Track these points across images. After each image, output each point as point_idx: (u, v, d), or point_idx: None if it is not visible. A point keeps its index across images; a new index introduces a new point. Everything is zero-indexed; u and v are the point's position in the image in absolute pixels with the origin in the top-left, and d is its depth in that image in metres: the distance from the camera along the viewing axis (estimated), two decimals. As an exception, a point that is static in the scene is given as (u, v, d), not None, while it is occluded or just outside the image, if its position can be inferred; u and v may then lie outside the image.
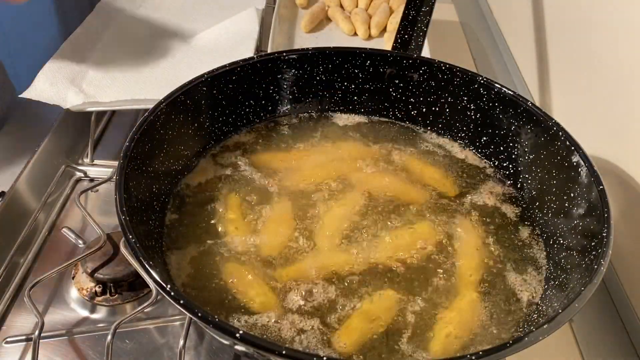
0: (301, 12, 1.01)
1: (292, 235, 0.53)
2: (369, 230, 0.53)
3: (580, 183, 0.51)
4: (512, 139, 0.59)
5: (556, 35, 0.84)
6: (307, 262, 0.50)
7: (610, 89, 0.67)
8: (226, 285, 0.49)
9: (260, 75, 0.63)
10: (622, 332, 0.60)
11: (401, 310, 0.47)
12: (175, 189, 0.57)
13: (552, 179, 0.55)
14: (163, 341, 0.55)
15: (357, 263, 0.50)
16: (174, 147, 0.56)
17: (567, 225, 0.51)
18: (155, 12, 0.94)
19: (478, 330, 0.46)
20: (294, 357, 0.35)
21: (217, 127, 0.62)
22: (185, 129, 0.58)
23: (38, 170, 0.69)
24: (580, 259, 0.47)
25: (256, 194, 0.57)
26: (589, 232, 0.48)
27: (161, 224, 0.53)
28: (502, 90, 0.59)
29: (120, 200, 0.45)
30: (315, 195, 0.57)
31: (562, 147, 0.54)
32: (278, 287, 0.48)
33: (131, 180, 0.48)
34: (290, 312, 0.47)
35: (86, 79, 0.75)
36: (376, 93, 0.66)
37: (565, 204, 0.53)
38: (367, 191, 0.57)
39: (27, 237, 0.63)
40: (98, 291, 0.57)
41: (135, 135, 0.50)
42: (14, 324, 0.56)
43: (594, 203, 0.48)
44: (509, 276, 0.51)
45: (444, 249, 0.52)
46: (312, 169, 0.60)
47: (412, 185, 0.59)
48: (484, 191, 0.59)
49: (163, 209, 0.54)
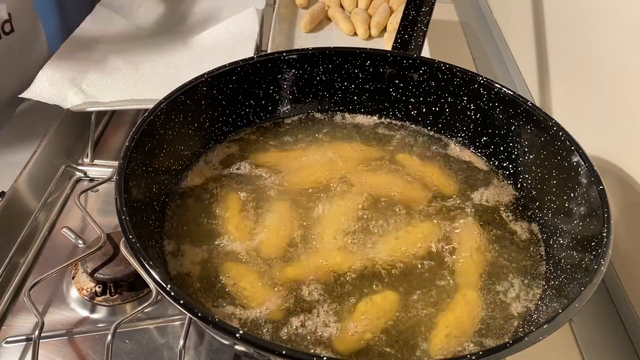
0: (301, 12, 1.01)
1: (292, 235, 0.53)
2: (369, 230, 0.53)
3: (580, 183, 0.51)
4: (512, 139, 0.59)
5: (556, 35, 0.84)
6: (306, 262, 0.50)
7: (610, 89, 0.67)
8: (226, 284, 0.49)
9: (260, 75, 0.63)
10: (622, 332, 0.60)
11: (401, 310, 0.47)
12: (175, 188, 0.57)
13: (552, 179, 0.55)
14: (163, 341, 0.55)
15: (357, 263, 0.50)
16: (174, 147, 0.56)
17: (567, 225, 0.51)
18: (156, 12, 0.94)
19: (478, 330, 0.46)
20: (294, 357, 0.35)
21: (217, 127, 0.62)
22: (185, 129, 0.58)
23: (38, 170, 0.69)
24: (580, 259, 0.47)
25: (256, 194, 0.57)
26: (589, 232, 0.48)
27: (161, 224, 0.53)
28: (502, 90, 0.59)
29: (120, 200, 0.45)
30: (315, 196, 0.57)
31: (562, 147, 0.54)
32: (278, 287, 0.48)
33: (131, 180, 0.48)
34: (289, 312, 0.47)
35: (86, 79, 0.75)
36: (376, 93, 0.66)
37: (565, 204, 0.53)
38: (367, 191, 0.57)
39: (27, 237, 0.63)
40: (98, 291, 0.57)
41: (135, 136, 0.50)
42: (14, 324, 0.56)
43: (594, 203, 0.48)
44: (509, 276, 0.51)
45: (444, 249, 0.52)
46: (312, 169, 0.60)
47: (412, 185, 0.59)
48: (484, 191, 0.59)
49: (163, 209, 0.54)
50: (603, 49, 0.70)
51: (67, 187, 0.71)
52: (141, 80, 0.77)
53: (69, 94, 0.72)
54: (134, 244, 0.41)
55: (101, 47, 0.83)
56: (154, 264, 0.40)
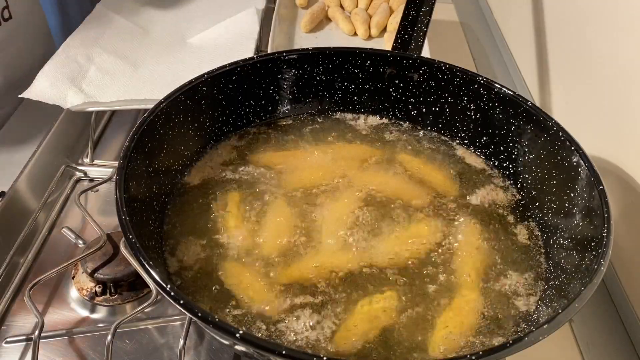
0: (301, 12, 1.01)
1: (292, 235, 0.53)
2: (369, 230, 0.53)
3: (580, 183, 0.51)
4: (512, 139, 0.59)
5: (556, 35, 0.84)
6: (306, 261, 0.50)
7: (610, 89, 0.67)
8: (226, 284, 0.49)
9: (260, 75, 0.63)
10: (622, 332, 0.60)
11: (400, 310, 0.47)
12: (175, 188, 0.57)
13: (552, 179, 0.55)
14: (163, 341, 0.55)
15: (357, 263, 0.50)
16: (174, 147, 0.56)
17: (567, 225, 0.51)
18: (156, 12, 0.94)
19: (477, 330, 0.46)
20: (294, 357, 0.35)
21: (217, 127, 0.62)
22: (185, 128, 0.58)
23: (38, 170, 0.69)
24: (580, 259, 0.47)
25: (256, 194, 0.57)
26: (589, 232, 0.48)
27: (161, 224, 0.53)
28: (502, 90, 0.59)
29: (120, 200, 0.45)
30: (315, 196, 0.57)
31: (562, 147, 0.54)
32: (278, 287, 0.48)
33: (131, 180, 0.48)
34: (289, 313, 0.47)
35: (86, 79, 0.75)
36: (376, 93, 0.66)
37: (565, 204, 0.53)
38: (367, 191, 0.57)
39: (27, 237, 0.63)
40: (98, 291, 0.57)
41: (136, 135, 0.50)
42: (14, 324, 0.56)
43: (594, 203, 0.48)
44: (509, 276, 0.51)
45: (444, 248, 0.52)
46: (313, 168, 0.60)
47: (412, 185, 0.59)
48: (484, 191, 0.59)
49: (163, 208, 0.54)
50: (603, 49, 0.70)
51: (67, 187, 0.71)
52: (141, 80, 0.77)
53: (69, 94, 0.72)
54: (134, 244, 0.41)
55: (101, 47, 0.83)
56: (154, 264, 0.40)
